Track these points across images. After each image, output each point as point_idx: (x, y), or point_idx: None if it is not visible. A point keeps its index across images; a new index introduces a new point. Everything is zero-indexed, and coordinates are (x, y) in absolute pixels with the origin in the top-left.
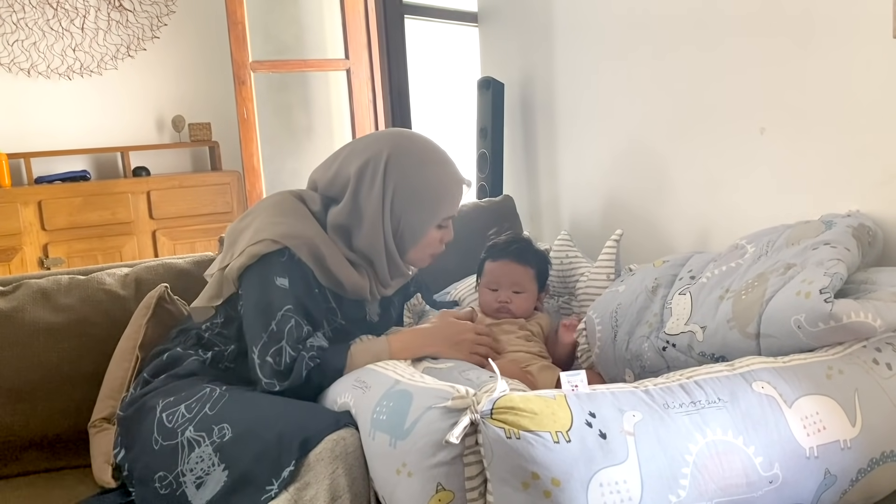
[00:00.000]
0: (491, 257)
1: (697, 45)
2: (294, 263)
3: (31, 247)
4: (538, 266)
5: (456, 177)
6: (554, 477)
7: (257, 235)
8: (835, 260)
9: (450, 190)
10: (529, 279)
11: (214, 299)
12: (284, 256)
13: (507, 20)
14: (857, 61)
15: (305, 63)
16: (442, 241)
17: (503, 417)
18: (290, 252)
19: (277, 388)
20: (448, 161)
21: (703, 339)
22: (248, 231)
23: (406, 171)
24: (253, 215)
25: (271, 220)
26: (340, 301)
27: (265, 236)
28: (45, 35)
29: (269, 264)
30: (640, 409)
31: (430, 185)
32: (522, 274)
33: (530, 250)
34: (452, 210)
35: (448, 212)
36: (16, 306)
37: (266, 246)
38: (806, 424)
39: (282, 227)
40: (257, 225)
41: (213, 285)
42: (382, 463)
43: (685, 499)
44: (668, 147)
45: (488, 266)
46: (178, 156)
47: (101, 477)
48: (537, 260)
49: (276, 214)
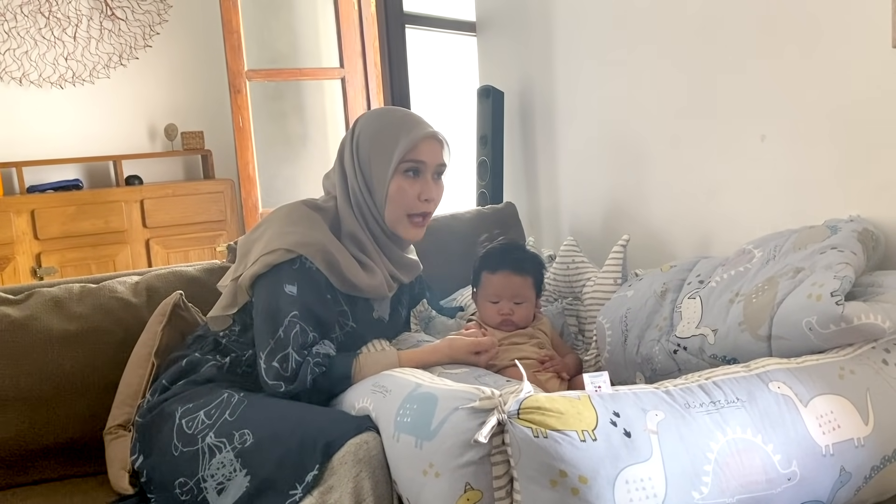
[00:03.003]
0: (488, 268)
1: (697, 52)
2: (306, 271)
3: (23, 256)
4: (535, 274)
5: (417, 122)
6: (581, 475)
7: (270, 245)
8: (843, 263)
9: (409, 132)
10: (528, 288)
11: (229, 308)
12: (296, 265)
13: (506, 29)
14: (857, 69)
15: (300, 72)
16: (419, 197)
17: (530, 417)
18: (303, 260)
19: (282, 390)
20: (412, 113)
21: (715, 341)
22: (261, 242)
23: (368, 122)
24: (265, 226)
25: (283, 229)
26: (353, 303)
27: (278, 246)
28: (37, 44)
29: (281, 272)
30: (663, 408)
31: (386, 126)
32: (522, 285)
33: (527, 258)
34: (416, 154)
35: (407, 152)
36: (29, 315)
37: (280, 255)
38: (821, 423)
39: (293, 236)
40: (269, 235)
41: (227, 295)
42: (408, 464)
43: (708, 495)
44: (668, 153)
45: (486, 278)
46: (170, 164)
47: (119, 484)
48: (534, 268)
49: (287, 224)
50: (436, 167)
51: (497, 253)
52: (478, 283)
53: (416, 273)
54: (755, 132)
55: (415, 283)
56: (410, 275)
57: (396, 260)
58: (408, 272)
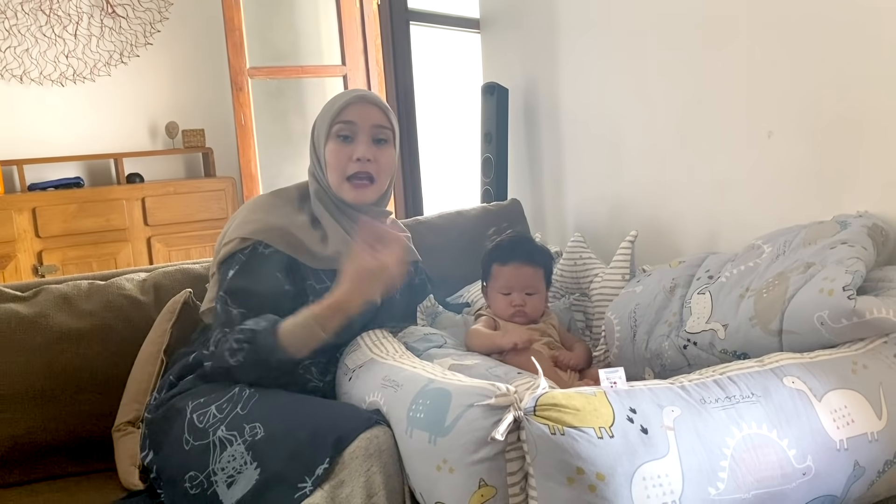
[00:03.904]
0: (499, 260)
1: (703, 47)
2: (255, 255)
3: (25, 254)
4: (546, 265)
5: (352, 92)
6: (599, 471)
7: (228, 236)
8: (854, 258)
9: (343, 98)
10: (540, 279)
11: (213, 300)
12: (247, 250)
13: (509, 26)
14: (865, 64)
15: (302, 69)
16: (351, 157)
17: (547, 414)
18: (257, 245)
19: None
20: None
21: (725, 336)
22: (227, 234)
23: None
24: (233, 219)
25: (245, 219)
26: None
27: (234, 235)
28: (38, 41)
29: (230, 261)
30: (678, 404)
31: (330, 100)
32: (533, 275)
33: (537, 250)
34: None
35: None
36: (38, 312)
37: (235, 244)
38: (835, 418)
39: (252, 224)
40: (232, 226)
41: (210, 288)
42: (421, 460)
43: (724, 491)
44: (673, 149)
45: (497, 270)
46: (171, 162)
47: (129, 480)
48: (544, 259)
49: (249, 213)
50: (371, 129)
51: (507, 244)
52: (488, 275)
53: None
54: (762, 128)
55: (413, 272)
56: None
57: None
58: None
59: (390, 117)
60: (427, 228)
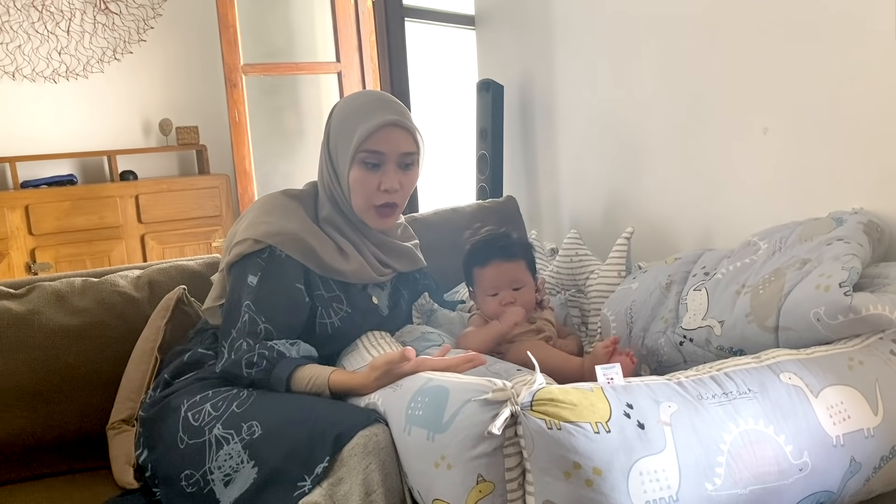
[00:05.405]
0: (478, 263)
1: (698, 43)
2: (273, 261)
3: (18, 252)
4: (526, 256)
5: (378, 109)
6: (595, 466)
7: (241, 235)
8: (850, 255)
9: (367, 119)
10: (523, 272)
11: (219, 299)
12: (264, 254)
13: (505, 23)
14: (860, 61)
15: (297, 66)
16: (379, 188)
17: (543, 409)
18: (273, 250)
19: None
20: (381, 98)
21: (721, 333)
22: (238, 233)
23: (339, 108)
24: (244, 216)
25: (257, 219)
26: (347, 289)
27: (247, 236)
28: (31, 38)
29: (247, 263)
30: (675, 400)
31: (350, 112)
32: (516, 270)
33: (513, 244)
34: (372, 144)
35: (363, 142)
36: (31, 309)
37: (248, 245)
38: (832, 413)
39: (264, 226)
40: (244, 225)
41: (216, 286)
42: (419, 457)
43: (720, 486)
44: (669, 146)
45: (479, 273)
46: (165, 160)
47: (123, 478)
48: (523, 250)
49: (261, 214)
50: (398, 157)
51: (482, 246)
52: (471, 280)
53: (415, 264)
54: (758, 125)
55: (419, 276)
56: (407, 264)
57: (383, 244)
58: (402, 260)
59: (417, 139)
60: (422, 225)
